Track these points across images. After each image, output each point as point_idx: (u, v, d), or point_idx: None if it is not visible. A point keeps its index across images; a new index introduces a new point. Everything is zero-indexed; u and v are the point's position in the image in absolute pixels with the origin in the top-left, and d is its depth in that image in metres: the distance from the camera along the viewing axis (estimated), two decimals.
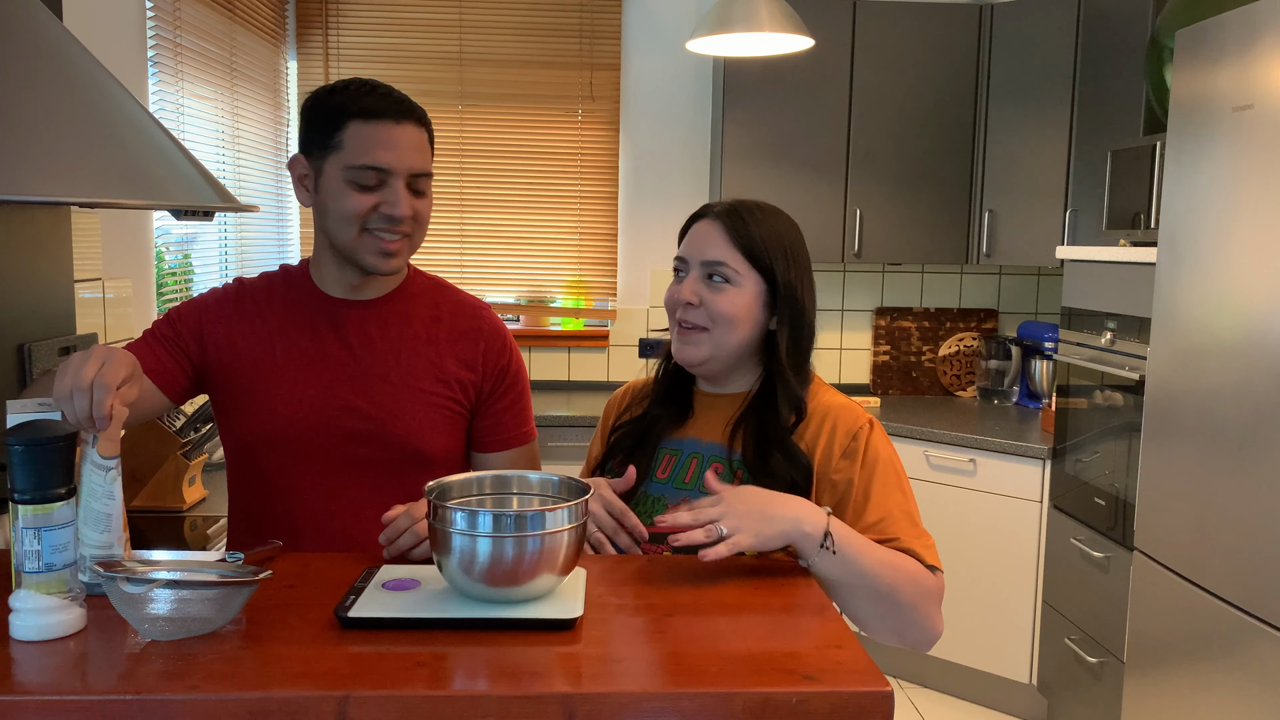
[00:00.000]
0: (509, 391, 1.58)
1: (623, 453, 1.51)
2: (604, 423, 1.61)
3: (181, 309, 1.54)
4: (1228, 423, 2.17)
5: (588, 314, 4.14)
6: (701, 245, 1.44)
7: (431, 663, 0.98)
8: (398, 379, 1.50)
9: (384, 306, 1.54)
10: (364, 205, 1.42)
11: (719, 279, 1.42)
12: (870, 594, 1.29)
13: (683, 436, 1.49)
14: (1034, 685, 3.26)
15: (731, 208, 1.45)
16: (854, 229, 3.75)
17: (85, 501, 1.11)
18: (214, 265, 3.26)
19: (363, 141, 1.40)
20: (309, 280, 1.55)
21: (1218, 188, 2.23)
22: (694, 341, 1.43)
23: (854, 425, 1.42)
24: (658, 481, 1.47)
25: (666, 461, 1.48)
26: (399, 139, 1.41)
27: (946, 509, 3.38)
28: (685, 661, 1.00)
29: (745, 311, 1.42)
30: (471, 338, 1.56)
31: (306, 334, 1.51)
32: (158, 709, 0.91)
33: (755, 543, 1.22)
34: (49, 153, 1.21)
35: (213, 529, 2.21)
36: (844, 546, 1.26)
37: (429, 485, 1.17)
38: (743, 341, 1.43)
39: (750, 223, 1.43)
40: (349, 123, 1.41)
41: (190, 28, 2.91)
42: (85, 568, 1.11)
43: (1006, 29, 3.66)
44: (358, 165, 1.40)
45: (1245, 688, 2.10)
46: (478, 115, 4.01)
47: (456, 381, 1.53)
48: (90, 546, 1.12)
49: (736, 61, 3.65)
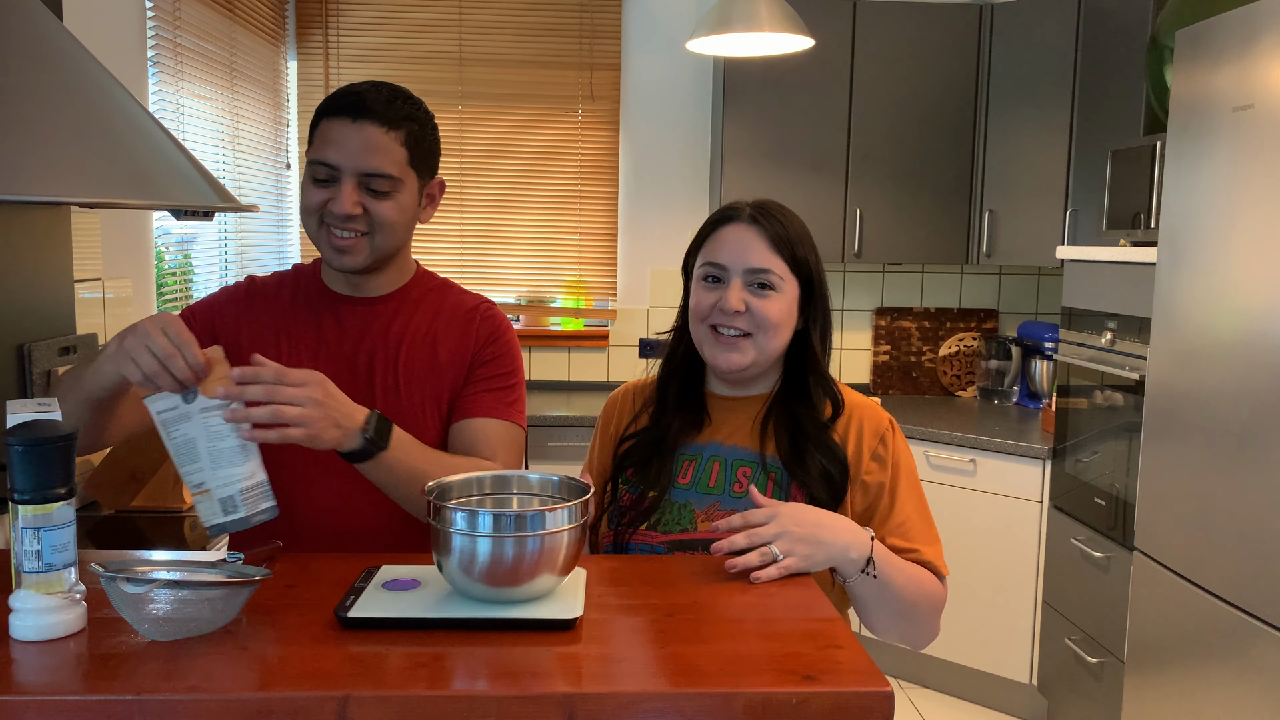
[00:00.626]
0: (491, 367, 1.54)
1: (636, 463, 1.49)
2: (604, 428, 1.59)
3: (195, 308, 1.56)
4: (1228, 423, 2.17)
5: (588, 314, 4.14)
6: (743, 252, 1.42)
7: (431, 663, 0.98)
8: (397, 374, 1.51)
9: (389, 302, 1.55)
10: (317, 200, 1.45)
11: (764, 286, 1.42)
12: (894, 609, 1.36)
13: (702, 441, 1.48)
14: (1034, 685, 3.26)
15: (764, 210, 1.44)
16: (854, 229, 3.75)
17: (210, 446, 1.19)
18: (214, 265, 3.26)
19: (321, 137, 1.44)
20: (318, 278, 1.57)
21: (1218, 188, 2.23)
22: (738, 348, 1.42)
23: (879, 426, 1.45)
24: (680, 488, 1.46)
25: (686, 467, 1.47)
26: (350, 138, 1.42)
27: (946, 509, 3.38)
28: (685, 661, 1.00)
29: (788, 316, 1.43)
30: (464, 328, 1.55)
31: (310, 329, 1.53)
32: (158, 709, 0.91)
33: (804, 566, 1.24)
34: (49, 153, 1.21)
35: None
36: (882, 571, 1.30)
37: (428, 485, 1.17)
38: (782, 345, 1.45)
39: (786, 225, 1.43)
40: (321, 119, 1.46)
41: (190, 28, 2.91)
42: (238, 504, 1.20)
43: (1006, 29, 3.66)
44: (311, 159, 1.45)
45: (1245, 688, 2.10)
46: (478, 115, 4.01)
47: (449, 371, 1.53)
48: (238, 482, 1.20)
49: (736, 61, 3.65)
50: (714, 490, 1.43)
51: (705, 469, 1.46)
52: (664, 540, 1.42)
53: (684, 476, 1.46)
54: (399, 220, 1.48)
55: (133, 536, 2.15)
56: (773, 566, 1.21)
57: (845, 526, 1.31)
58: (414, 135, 1.48)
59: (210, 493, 1.21)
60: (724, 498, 1.42)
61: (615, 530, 1.47)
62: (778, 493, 1.41)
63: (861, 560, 1.28)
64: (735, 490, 1.43)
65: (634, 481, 1.48)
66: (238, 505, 1.21)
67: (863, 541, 1.30)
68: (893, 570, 1.33)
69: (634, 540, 1.44)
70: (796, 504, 1.32)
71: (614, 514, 1.49)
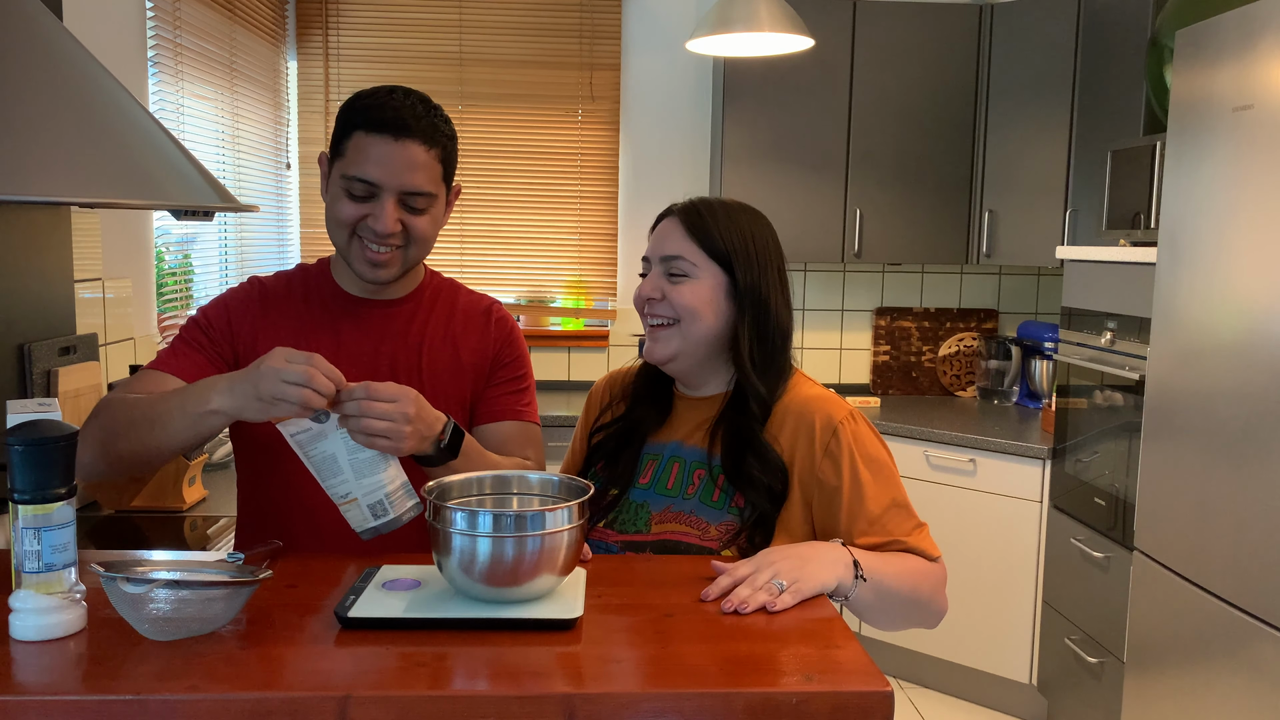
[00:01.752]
0: (510, 370, 1.60)
1: (605, 457, 1.51)
2: (585, 417, 1.62)
3: (209, 311, 1.54)
4: (1228, 423, 2.17)
5: (588, 314, 4.14)
6: (661, 241, 1.45)
7: (431, 663, 0.98)
8: (420, 375, 1.52)
9: (406, 305, 1.56)
10: (352, 214, 1.44)
11: (678, 273, 1.42)
12: (898, 604, 1.34)
13: (664, 440, 1.49)
14: (1034, 685, 3.26)
15: (690, 205, 1.46)
16: (854, 229, 3.75)
17: (352, 459, 1.25)
18: (214, 265, 3.26)
19: (360, 152, 1.42)
20: (330, 279, 1.56)
21: (1218, 188, 2.23)
22: (662, 338, 1.43)
23: (830, 420, 1.39)
24: (639, 487, 1.46)
25: (649, 467, 1.47)
26: (394, 156, 1.41)
27: (946, 509, 3.38)
28: (685, 661, 1.00)
29: (706, 303, 1.41)
30: (482, 327, 1.59)
31: (329, 332, 1.52)
32: (158, 709, 0.91)
33: (812, 587, 1.20)
34: (49, 153, 1.21)
35: (213, 529, 2.21)
36: (872, 572, 1.28)
37: (428, 485, 1.17)
38: (708, 334, 1.42)
39: (707, 217, 1.43)
40: (354, 132, 1.43)
41: (190, 28, 2.91)
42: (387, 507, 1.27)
43: (1006, 29, 3.66)
44: (350, 175, 1.43)
45: (1245, 688, 2.10)
46: (478, 115, 4.01)
47: (471, 370, 1.56)
48: (383, 486, 1.26)
49: (736, 61, 3.65)
50: (670, 492, 1.43)
51: (665, 469, 1.45)
52: (619, 540, 1.43)
53: (644, 476, 1.47)
54: (432, 234, 1.50)
55: (133, 536, 2.15)
56: (786, 594, 1.17)
57: (820, 547, 1.29)
58: (448, 151, 1.49)
59: (358, 501, 1.27)
60: (677, 499, 1.42)
61: None
62: (724, 497, 1.39)
63: (851, 569, 1.26)
64: (688, 492, 1.42)
65: (600, 476, 1.49)
66: (387, 508, 1.28)
67: (841, 553, 1.27)
68: (882, 567, 1.30)
69: (591, 536, 1.44)
70: (768, 549, 1.29)
71: None
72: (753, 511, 1.37)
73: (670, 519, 1.41)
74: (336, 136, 1.46)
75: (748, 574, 1.19)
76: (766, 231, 1.47)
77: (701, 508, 1.40)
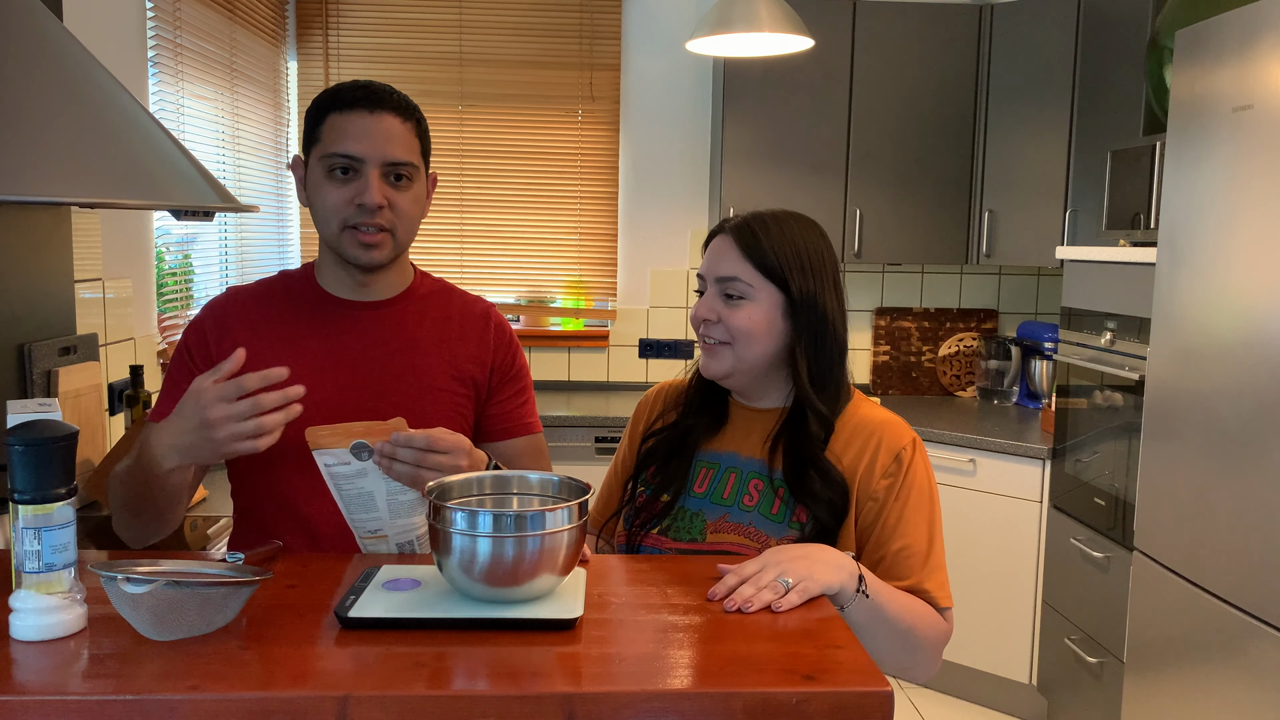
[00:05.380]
0: (514, 382, 1.60)
1: (657, 462, 1.50)
2: (633, 425, 1.60)
3: (187, 339, 1.52)
4: (1227, 423, 2.17)
5: (588, 314, 4.14)
6: (716, 261, 1.43)
7: (431, 663, 0.98)
8: (414, 379, 1.50)
9: (395, 307, 1.55)
10: (341, 197, 1.44)
11: (734, 295, 1.41)
12: (892, 633, 1.31)
13: (720, 450, 1.47)
14: (1034, 685, 3.26)
15: (744, 221, 1.44)
16: (854, 229, 3.75)
17: (391, 500, 1.29)
18: (214, 265, 3.26)
19: (336, 130, 1.43)
20: (314, 284, 1.55)
21: (1218, 188, 2.23)
22: (717, 356, 1.42)
23: (897, 444, 1.41)
24: (695, 496, 1.45)
25: (704, 475, 1.46)
26: (372, 128, 1.42)
27: (946, 509, 3.37)
28: (685, 661, 1.00)
29: (762, 326, 1.40)
30: (480, 334, 1.58)
31: (317, 337, 1.51)
32: (158, 709, 0.91)
33: (818, 585, 1.20)
34: (49, 153, 1.21)
35: (213, 529, 2.21)
36: (875, 591, 1.28)
37: (429, 485, 1.17)
38: (765, 355, 1.42)
39: (761, 235, 1.41)
40: (328, 115, 1.45)
41: (190, 28, 2.91)
42: (415, 548, 1.33)
43: (1006, 29, 3.66)
44: (331, 153, 1.43)
45: (1245, 688, 2.10)
46: (478, 115, 4.01)
47: (470, 378, 1.55)
48: (415, 529, 1.31)
49: (736, 61, 3.65)
50: (726, 502, 1.42)
51: (721, 479, 1.45)
52: (674, 548, 1.42)
53: (700, 485, 1.45)
54: (416, 213, 1.51)
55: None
56: (792, 593, 1.17)
57: (827, 549, 1.29)
58: (423, 128, 1.51)
59: (388, 538, 1.30)
60: (734, 510, 1.41)
61: (629, 530, 1.47)
62: (784, 510, 1.39)
63: (854, 579, 1.25)
64: (745, 503, 1.41)
65: (651, 482, 1.48)
66: (415, 548, 1.32)
67: (849, 561, 1.27)
68: (885, 591, 1.30)
69: (645, 543, 1.44)
70: (775, 547, 1.29)
71: (630, 513, 1.49)
72: (815, 525, 1.37)
73: (727, 529, 1.40)
74: (309, 128, 1.48)
75: (754, 572, 1.19)
76: (821, 241, 1.45)
77: (762, 520, 1.39)
